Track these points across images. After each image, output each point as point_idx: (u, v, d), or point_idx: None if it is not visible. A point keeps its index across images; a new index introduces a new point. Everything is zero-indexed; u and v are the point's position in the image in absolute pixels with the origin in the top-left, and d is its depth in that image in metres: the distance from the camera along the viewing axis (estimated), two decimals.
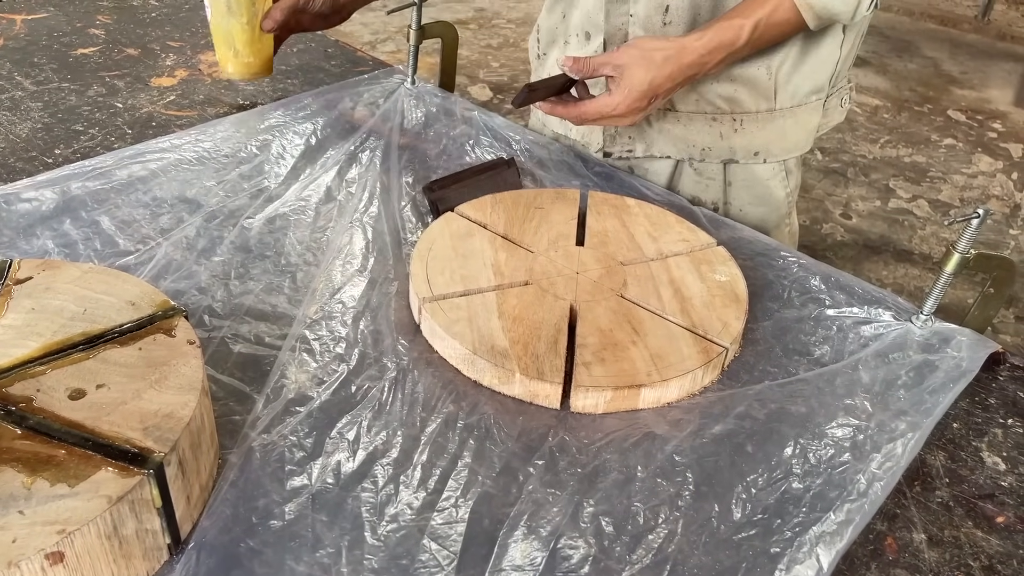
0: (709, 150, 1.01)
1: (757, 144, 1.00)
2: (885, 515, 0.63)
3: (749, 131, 0.99)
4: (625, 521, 0.59)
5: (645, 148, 1.03)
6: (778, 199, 1.04)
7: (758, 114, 0.98)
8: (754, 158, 1.00)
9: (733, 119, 0.98)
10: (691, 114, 0.99)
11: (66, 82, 1.13)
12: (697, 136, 1.00)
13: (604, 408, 0.68)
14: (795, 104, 0.98)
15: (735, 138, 0.99)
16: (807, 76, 0.96)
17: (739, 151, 1.00)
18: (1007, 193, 2.89)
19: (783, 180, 1.03)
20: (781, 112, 0.98)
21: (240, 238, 0.84)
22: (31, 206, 0.86)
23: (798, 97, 0.97)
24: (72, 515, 0.48)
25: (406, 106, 1.11)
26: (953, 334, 0.79)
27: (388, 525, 0.57)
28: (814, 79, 0.97)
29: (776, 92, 0.96)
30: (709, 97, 0.97)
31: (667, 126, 1.00)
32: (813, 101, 0.99)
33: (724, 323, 0.74)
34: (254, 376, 0.69)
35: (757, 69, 0.94)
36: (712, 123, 0.99)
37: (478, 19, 3.91)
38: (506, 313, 0.73)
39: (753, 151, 1.00)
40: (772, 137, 0.99)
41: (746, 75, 0.95)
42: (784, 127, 0.99)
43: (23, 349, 0.58)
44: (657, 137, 1.02)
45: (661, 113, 1.00)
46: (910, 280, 2.42)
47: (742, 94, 0.96)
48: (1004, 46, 4.08)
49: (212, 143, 0.99)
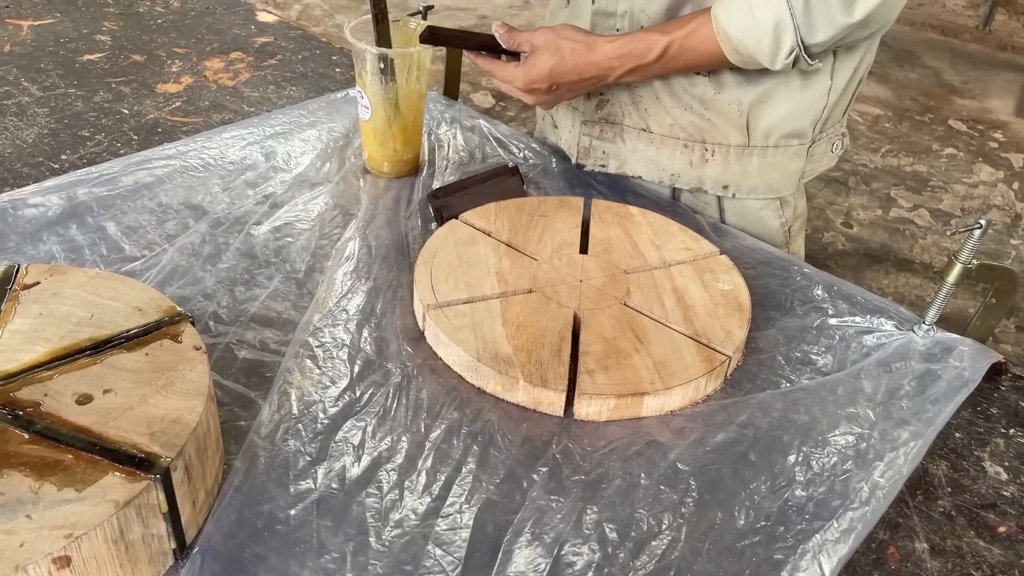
0: (678, 176, 0.99)
1: (727, 178, 0.97)
2: (887, 524, 0.63)
3: (719, 163, 0.96)
4: (629, 528, 0.59)
5: (618, 165, 1.01)
6: (771, 228, 1.01)
7: (730, 148, 0.95)
8: (723, 191, 0.98)
9: (704, 148, 0.96)
10: (663, 137, 0.97)
11: (72, 88, 1.14)
12: (668, 160, 0.98)
13: (607, 416, 0.68)
14: (770, 145, 0.95)
15: (705, 168, 0.97)
16: (785, 119, 0.93)
17: (707, 182, 0.98)
18: (1008, 203, 2.89)
19: (777, 210, 1.00)
20: (755, 150, 0.95)
21: (246, 245, 0.85)
22: (37, 211, 0.86)
23: (773, 138, 0.94)
24: (79, 519, 0.48)
25: None
26: (955, 344, 0.79)
27: (393, 531, 0.57)
28: (793, 123, 0.93)
29: (749, 128, 0.94)
30: (682, 123, 0.95)
31: (640, 146, 0.99)
32: (794, 145, 0.95)
33: (727, 332, 0.74)
34: (259, 382, 0.69)
35: (728, 104, 0.92)
36: (683, 149, 0.97)
37: (480, 27, 3.92)
38: (510, 320, 0.73)
39: (722, 184, 0.97)
40: (743, 174, 0.97)
41: (717, 106, 0.93)
42: (759, 166, 0.96)
43: (31, 354, 0.58)
44: (630, 156, 1.00)
45: (635, 132, 0.98)
46: (911, 289, 2.42)
47: (715, 124, 0.94)
48: (1005, 56, 4.09)
49: (218, 150, 1.00)
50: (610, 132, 1.00)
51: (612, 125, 0.99)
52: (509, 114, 3.14)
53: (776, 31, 0.81)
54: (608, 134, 1.00)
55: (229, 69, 1.24)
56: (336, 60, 1.30)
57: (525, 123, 3.10)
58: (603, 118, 0.99)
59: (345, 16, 3.84)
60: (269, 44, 1.33)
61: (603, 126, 1.00)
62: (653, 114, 0.96)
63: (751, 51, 0.83)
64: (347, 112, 1.11)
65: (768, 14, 0.80)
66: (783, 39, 0.81)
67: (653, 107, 0.96)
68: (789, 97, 0.91)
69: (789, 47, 0.81)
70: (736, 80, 0.91)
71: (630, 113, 0.98)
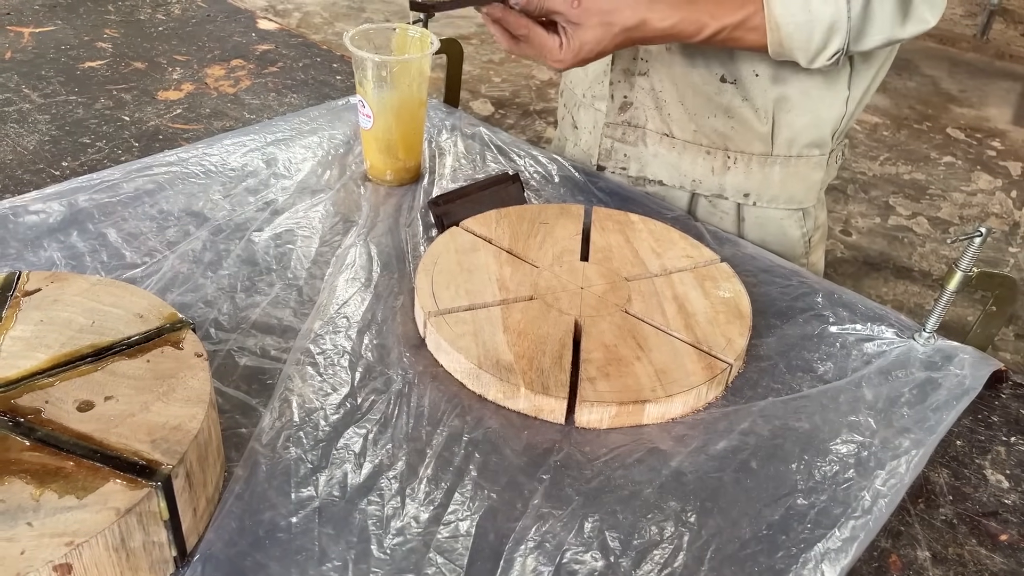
0: (699, 182, 0.99)
1: (749, 186, 0.98)
2: (889, 532, 0.63)
3: (741, 171, 0.97)
4: (631, 536, 0.59)
5: (639, 168, 1.02)
6: (792, 238, 1.01)
7: (752, 156, 0.96)
8: (744, 199, 0.98)
9: (727, 156, 0.96)
10: (686, 143, 0.97)
11: (73, 95, 1.14)
12: (689, 166, 0.98)
13: (609, 423, 0.68)
14: (793, 154, 0.95)
15: (727, 175, 0.97)
16: (806, 129, 0.93)
17: (728, 189, 0.98)
18: (1006, 211, 2.90)
19: (799, 220, 1.00)
20: (778, 159, 0.96)
21: (247, 252, 0.85)
22: (38, 218, 0.86)
23: (796, 147, 0.95)
24: (80, 527, 0.48)
25: None
26: (955, 352, 0.79)
27: (394, 538, 0.57)
28: (814, 133, 0.94)
29: (773, 137, 0.94)
30: (706, 130, 0.96)
31: (662, 151, 0.99)
32: (816, 155, 0.96)
33: (728, 339, 0.74)
34: (260, 389, 0.69)
35: (753, 113, 0.93)
36: (705, 156, 0.97)
37: (479, 34, 3.93)
38: (511, 328, 0.73)
39: (743, 192, 0.98)
40: (765, 183, 0.97)
41: (743, 114, 0.93)
42: (781, 176, 0.96)
43: (31, 361, 0.58)
44: (651, 160, 1.01)
45: (658, 137, 0.99)
46: (910, 297, 2.43)
47: (739, 132, 0.95)
48: (1002, 65, 4.11)
49: (219, 157, 1.00)
50: (632, 135, 1.00)
51: (634, 128, 1.00)
52: (508, 122, 3.15)
53: (829, 31, 0.81)
54: (630, 137, 1.00)
55: (230, 76, 1.24)
56: (336, 68, 1.31)
57: (524, 131, 3.11)
58: (626, 121, 1.00)
59: (344, 24, 3.85)
60: (270, 52, 1.33)
61: (625, 129, 1.00)
62: (676, 119, 0.96)
63: (796, 47, 0.82)
64: (348, 119, 1.11)
65: (826, 12, 0.80)
66: (833, 40, 0.81)
67: (676, 112, 0.96)
68: (811, 107, 0.92)
69: (835, 48, 0.82)
70: (762, 89, 0.92)
71: (653, 117, 0.98)
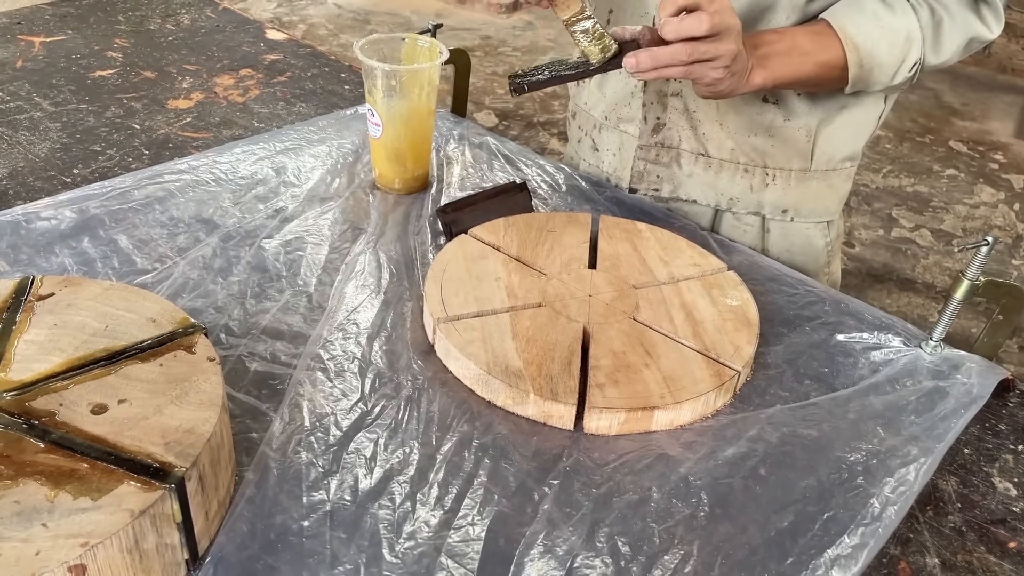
0: (737, 200, 0.99)
1: (787, 202, 0.98)
2: (898, 539, 0.63)
3: (779, 187, 0.98)
4: (641, 542, 0.59)
5: (672, 189, 1.02)
6: (817, 248, 1.02)
7: (791, 172, 0.97)
8: (782, 215, 0.99)
9: (766, 173, 0.97)
10: (723, 161, 0.98)
11: (84, 103, 1.15)
12: (727, 185, 0.99)
13: (617, 430, 0.68)
14: (830, 168, 0.97)
15: (765, 192, 0.98)
16: (845, 141, 0.95)
17: (767, 206, 0.99)
18: (1009, 224, 2.91)
19: (823, 230, 1.01)
20: (815, 174, 0.97)
21: (257, 258, 0.85)
22: (50, 225, 0.87)
23: (834, 161, 0.96)
24: (95, 528, 0.48)
25: None
26: (963, 361, 0.79)
27: (405, 543, 0.57)
28: (852, 144, 0.96)
29: (813, 153, 0.95)
30: (744, 148, 0.96)
31: (697, 171, 0.99)
32: (848, 167, 0.98)
33: (736, 347, 0.75)
34: (270, 394, 0.69)
35: (796, 131, 0.94)
36: (744, 174, 0.98)
37: (484, 47, 3.95)
38: (520, 334, 0.74)
39: (782, 208, 0.99)
40: (803, 197, 0.98)
41: (786, 133, 0.94)
42: (817, 190, 0.98)
43: (46, 364, 0.59)
44: (685, 180, 1.00)
45: (693, 157, 0.99)
46: (913, 309, 2.43)
47: (778, 150, 0.95)
48: (1005, 79, 4.12)
49: (229, 165, 1.01)
50: (666, 156, 1.00)
51: (668, 149, 1.00)
52: (512, 133, 3.16)
53: (907, 41, 0.84)
54: (664, 158, 1.00)
55: (239, 86, 1.25)
56: (344, 77, 1.32)
57: (528, 143, 3.12)
58: (659, 142, 1.00)
59: (350, 35, 3.87)
60: (278, 61, 1.34)
61: (659, 150, 1.00)
62: (712, 138, 0.97)
63: (879, 61, 0.84)
64: (356, 128, 1.11)
65: (899, 23, 0.83)
66: (911, 51, 0.84)
67: (713, 131, 0.97)
68: (851, 121, 0.94)
69: (914, 59, 0.85)
70: (806, 107, 0.93)
71: (688, 138, 0.98)
